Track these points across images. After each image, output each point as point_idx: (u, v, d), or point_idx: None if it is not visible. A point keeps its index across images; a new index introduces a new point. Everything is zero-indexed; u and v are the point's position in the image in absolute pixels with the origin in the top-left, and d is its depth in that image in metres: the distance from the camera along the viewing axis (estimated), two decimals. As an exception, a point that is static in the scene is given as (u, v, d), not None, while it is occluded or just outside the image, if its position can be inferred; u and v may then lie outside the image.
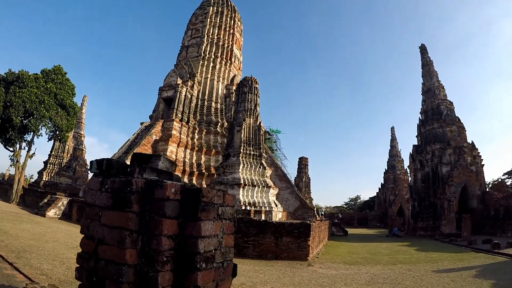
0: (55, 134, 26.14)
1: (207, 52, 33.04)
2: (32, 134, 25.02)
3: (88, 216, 2.14)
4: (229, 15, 35.76)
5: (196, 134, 29.37)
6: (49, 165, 38.14)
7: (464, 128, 30.97)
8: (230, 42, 34.99)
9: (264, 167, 20.99)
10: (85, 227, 2.15)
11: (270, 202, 19.93)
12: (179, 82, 29.60)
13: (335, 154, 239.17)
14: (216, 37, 34.08)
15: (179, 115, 28.52)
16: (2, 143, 24.63)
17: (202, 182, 27.17)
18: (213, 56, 33.03)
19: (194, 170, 27.41)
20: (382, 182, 59.34)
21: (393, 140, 60.75)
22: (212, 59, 32.86)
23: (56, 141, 31.57)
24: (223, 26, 34.78)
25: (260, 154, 21.15)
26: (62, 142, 32.38)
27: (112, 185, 2.05)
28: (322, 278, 8.67)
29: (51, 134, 26.22)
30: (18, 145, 25.08)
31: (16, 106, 22.19)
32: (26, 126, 23.58)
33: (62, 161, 38.89)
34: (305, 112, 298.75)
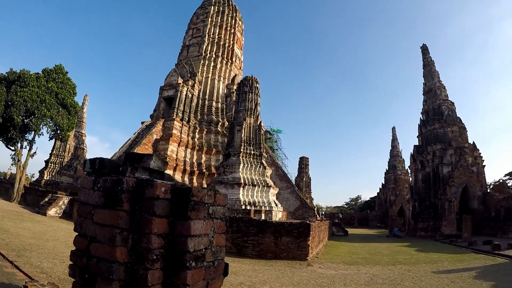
0: (56, 133, 26.21)
1: (208, 51, 33.03)
2: (33, 133, 25.09)
3: (81, 214, 2.18)
4: (230, 15, 35.75)
5: (196, 133, 29.38)
6: (50, 164, 38.23)
7: (465, 128, 30.91)
8: (231, 42, 34.99)
9: (264, 167, 20.99)
10: (78, 225, 2.18)
11: (270, 202, 19.93)
12: (180, 81, 29.61)
13: (336, 154, 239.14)
14: (217, 36, 34.07)
15: (180, 115, 28.53)
16: (3, 142, 24.71)
17: (202, 182, 27.19)
18: (214, 55, 33.03)
19: (194, 169, 27.43)
20: (383, 182, 59.32)
21: (394, 140, 60.67)
22: (213, 59, 32.85)
23: (57, 140, 31.62)
24: (224, 26, 34.77)
25: (260, 154, 21.14)
26: (63, 141, 32.46)
27: (104, 184, 2.08)
28: (321, 278, 8.68)
29: (52, 133, 26.30)
30: (19, 144, 25.16)
31: (17, 105, 22.26)
32: (27, 125, 23.65)
33: (63, 160, 38.98)
34: (306, 111, 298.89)
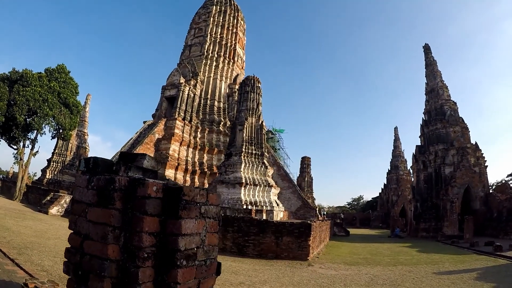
0: (58, 132, 26.34)
1: (210, 51, 33.04)
2: (35, 132, 25.24)
3: (75, 212, 2.21)
4: (232, 14, 35.75)
5: (198, 133, 29.40)
6: (52, 163, 38.34)
7: (467, 128, 30.79)
8: (233, 41, 34.99)
9: (266, 166, 20.97)
10: (72, 223, 2.22)
11: (272, 202, 19.91)
12: (182, 81, 29.63)
13: (339, 154, 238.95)
14: (219, 36, 34.07)
15: (182, 114, 28.55)
16: (6, 141, 24.86)
17: (204, 181, 27.21)
18: (216, 55, 33.04)
19: (196, 169, 27.45)
20: (385, 183, 59.20)
21: (396, 140, 60.52)
22: (215, 58, 32.86)
23: (59, 139, 31.76)
24: (226, 25, 34.77)
25: (262, 153, 21.12)
26: (66, 140, 32.61)
27: (97, 182, 2.11)
28: (322, 279, 8.67)
29: (55, 132, 26.44)
30: (21, 143, 25.32)
31: (20, 105, 22.38)
32: (30, 124, 23.78)
33: (65, 159, 39.06)
34: (308, 111, 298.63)
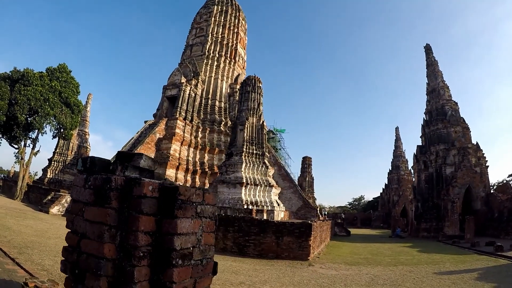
0: (60, 132, 26.37)
1: (211, 51, 33.05)
2: (36, 131, 25.29)
3: (73, 211, 2.23)
4: (233, 14, 35.75)
5: (199, 132, 29.42)
6: (53, 162, 38.41)
7: (468, 129, 30.72)
8: (234, 41, 34.99)
9: (266, 166, 20.96)
10: (70, 222, 2.23)
11: (273, 202, 19.90)
12: (183, 80, 29.64)
13: (339, 154, 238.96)
14: (220, 36, 34.07)
15: (183, 114, 28.56)
16: (7, 141, 24.91)
17: (205, 181, 27.22)
18: (217, 55, 33.05)
19: (197, 168, 27.45)
20: (386, 183, 59.11)
21: (397, 140, 60.43)
22: (216, 58, 32.88)
23: (60, 138, 31.81)
24: (228, 25, 34.77)
25: (263, 153, 21.12)
26: (67, 139, 32.67)
27: (94, 182, 2.13)
28: (322, 279, 8.66)
29: (56, 131, 26.48)
30: (23, 142, 25.36)
31: (21, 104, 22.42)
32: (31, 123, 23.82)
33: (66, 158, 39.12)
34: (309, 111, 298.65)
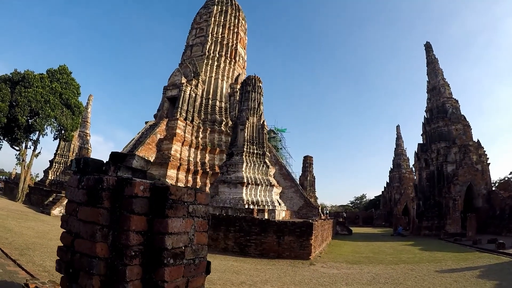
0: (61, 133, 26.38)
1: (212, 51, 33.04)
2: (37, 133, 25.31)
3: (67, 211, 2.26)
4: (233, 14, 35.73)
5: (200, 133, 29.42)
6: (54, 164, 38.51)
7: (469, 126, 30.67)
8: (235, 41, 34.97)
9: (267, 166, 20.97)
10: (64, 222, 2.26)
11: (274, 201, 19.90)
12: (184, 81, 29.65)
13: (341, 153, 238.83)
14: (220, 36, 34.05)
15: (184, 114, 28.57)
16: (8, 142, 24.94)
17: (206, 181, 27.22)
18: (217, 55, 33.04)
19: (198, 169, 27.45)
20: (388, 181, 58.95)
21: (398, 138, 60.28)
22: (216, 58, 32.87)
23: (61, 140, 31.86)
24: (227, 25, 34.75)
25: (263, 153, 21.12)
26: (68, 141, 32.70)
27: (87, 182, 2.15)
28: (323, 278, 8.66)
29: (57, 133, 26.47)
30: (24, 144, 25.38)
31: (21, 106, 22.44)
32: (32, 125, 23.82)
33: (67, 160, 39.20)
34: (310, 110, 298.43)
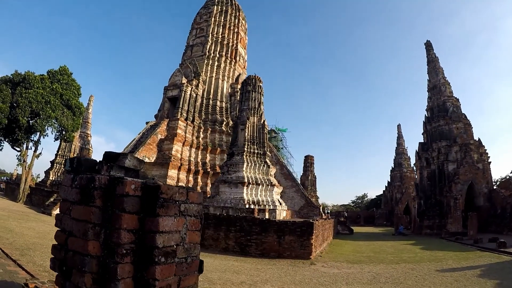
0: (61, 134, 26.43)
1: (212, 51, 33.06)
2: (38, 134, 25.37)
3: (61, 210, 2.28)
4: (233, 14, 35.73)
5: (201, 133, 29.44)
6: (55, 164, 38.55)
7: (470, 125, 30.59)
8: (235, 41, 34.97)
9: (268, 166, 20.96)
10: (58, 221, 2.28)
11: (274, 201, 19.89)
12: (184, 81, 29.68)
13: (342, 152, 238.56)
14: (220, 36, 34.07)
15: (184, 114, 28.60)
16: (9, 143, 24.99)
17: (207, 181, 27.24)
18: (217, 55, 33.06)
19: (199, 169, 27.47)
20: (389, 180, 58.87)
21: (399, 137, 60.17)
22: (216, 58, 32.89)
23: (62, 141, 31.90)
24: (228, 25, 34.76)
25: (264, 153, 21.11)
26: (68, 142, 32.70)
27: (80, 181, 2.18)
28: (324, 277, 8.65)
29: (57, 134, 26.53)
30: (25, 145, 25.44)
31: (22, 107, 22.48)
32: (33, 126, 23.87)
33: (68, 160, 39.23)
34: (311, 110, 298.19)
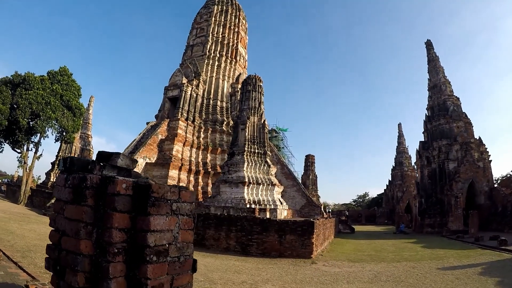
0: (62, 135, 26.42)
1: (212, 51, 33.03)
2: (38, 135, 25.38)
3: (55, 209, 2.30)
4: (233, 14, 35.70)
5: (201, 133, 29.44)
6: (56, 166, 38.55)
7: (471, 124, 30.56)
8: (235, 41, 34.94)
9: (269, 165, 20.97)
10: (52, 220, 2.30)
11: (275, 200, 19.90)
12: (184, 81, 29.66)
13: (343, 151, 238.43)
14: (221, 36, 34.04)
15: (185, 114, 28.59)
16: (9, 145, 25.00)
17: (208, 181, 27.25)
18: (218, 55, 33.04)
19: (200, 169, 27.48)
20: (390, 179, 58.85)
21: (400, 136, 60.13)
22: (217, 58, 32.87)
23: (63, 142, 31.90)
24: (228, 25, 34.73)
25: (264, 152, 21.12)
26: (69, 143, 32.70)
27: (72, 181, 2.19)
28: (325, 276, 8.66)
29: (58, 135, 26.53)
30: (25, 146, 25.45)
31: (22, 108, 22.48)
32: (33, 127, 23.88)
33: (69, 161, 39.20)
34: (311, 109, 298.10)
